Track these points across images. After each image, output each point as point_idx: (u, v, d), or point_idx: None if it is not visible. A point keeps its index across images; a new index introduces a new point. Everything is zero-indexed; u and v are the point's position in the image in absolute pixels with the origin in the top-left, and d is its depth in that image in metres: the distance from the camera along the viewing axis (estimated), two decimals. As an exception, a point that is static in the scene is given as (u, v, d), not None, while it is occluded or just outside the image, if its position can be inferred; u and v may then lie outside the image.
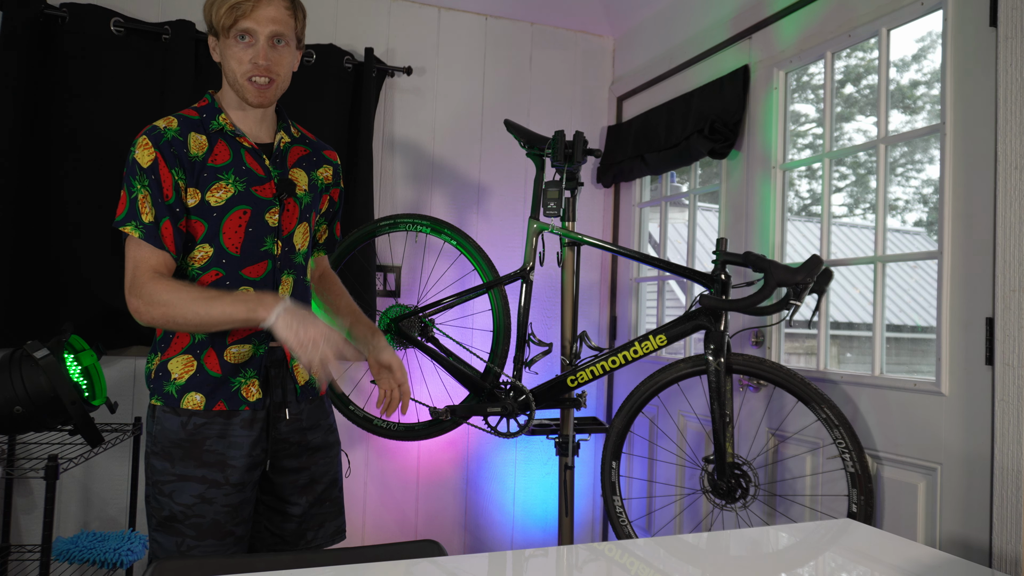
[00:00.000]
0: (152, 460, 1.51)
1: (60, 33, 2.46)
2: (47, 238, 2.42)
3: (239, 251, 1.53)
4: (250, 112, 1.59)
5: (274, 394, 1.57)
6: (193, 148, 1.51)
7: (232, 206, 1.52)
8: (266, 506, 1.62)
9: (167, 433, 1.50)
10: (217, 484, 1.49)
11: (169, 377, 1.52)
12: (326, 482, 1.67)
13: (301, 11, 1.59)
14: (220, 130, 1.55)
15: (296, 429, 1.61)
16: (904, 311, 8.85)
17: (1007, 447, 1.57)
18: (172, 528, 1.48)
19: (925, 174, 8.79)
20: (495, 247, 3.08)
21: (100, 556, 2.23)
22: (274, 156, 1.60)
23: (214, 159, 1.52)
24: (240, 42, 1.51)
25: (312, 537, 1.65)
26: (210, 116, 1.56)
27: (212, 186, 1.51)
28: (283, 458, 1.60)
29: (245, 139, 1.56)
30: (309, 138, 1.73)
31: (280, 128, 1.64)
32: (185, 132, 1.52)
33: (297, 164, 1.65)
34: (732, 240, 2.47)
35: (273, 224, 1.57)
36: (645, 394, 2.11)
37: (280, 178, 1.59)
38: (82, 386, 2.01)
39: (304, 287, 1.66)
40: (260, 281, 1.55)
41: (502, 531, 3.07)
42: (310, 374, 1.62)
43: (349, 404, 2.47)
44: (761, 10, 2.38)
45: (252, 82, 1.52)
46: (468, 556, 1.09)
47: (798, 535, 1.27)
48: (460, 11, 3.06)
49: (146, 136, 1.50)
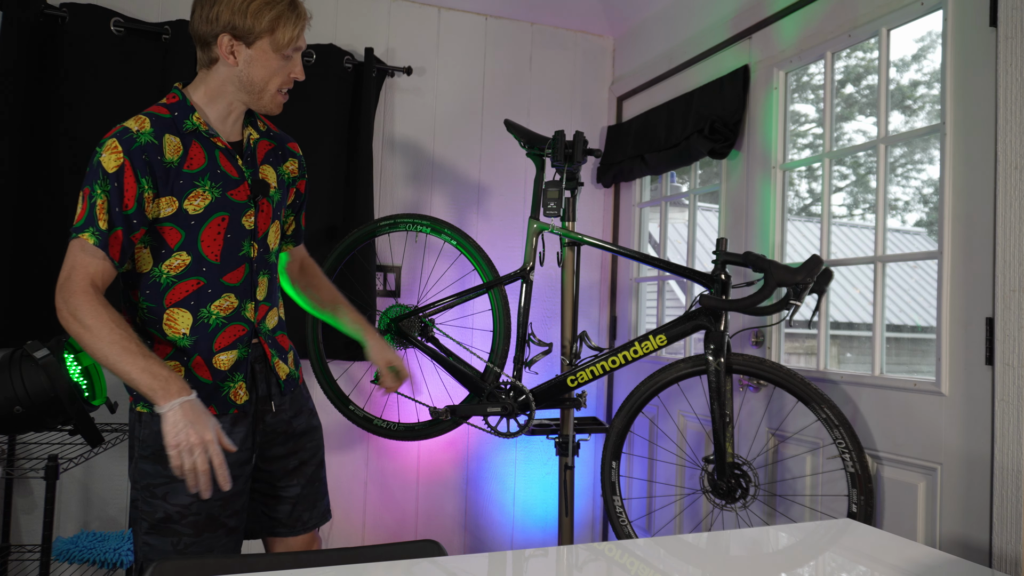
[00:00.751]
0: (142, 464, 1.50)
1: (60, 33, 2.46)
2: (47, 238, 2.42)
3: (219, 258, 1.52)
4: (225, 109, 1.56)
5: (259, 389, 1.60)
6: (168, 153, 1.47)
7: (211, 213, 1.51)
8: (260, 493, 1.66)
9: (156, 437, 1.46)
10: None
11: None
12: (314, 464, 1.73)
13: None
14: (194, 130, 1.51)
15: (282, 420, 1.66)
16: (904, 311, 8.85)
17: (1007, 447, 1.57)
18: (167, 529, 1.49)
19: (925, 174, 8.79)
20: (495, 247, 3.08)
21: (100, 556, 2.23)
22: (245, 154, 1.59)
23: (189, 164, 1.49)
24: (282, 56, 1.52)
25: (308, 518, 1.70)
26: (182, 114, 1.51)
27: (189, 194, 1.48)
28: (271, 447, 1.64)
29: (219, 139, 1.54)
30: (272, 130, 1.71)
31: (247, 123, 1.62)
32: (160, 135, 1.47)
33: (265, 160, 1.64)
34: (732, 240, 2.47)
35: (249, 227, 1.57)
36: (645, 394, 2.11)
37: (253, 179, 1.58)
38: (82, 386, 2.01)
39: (275, 284, 1.68)
40: (239, 286, 1.56)
41: (502, 531, 3.07)
42: (289, 367, 1.67)
43: (349, 404, 2.47)
44: (761, 10, 2.38)
45: (282, 94, 1.57)
46: (468, 556, 1.09)
47: (798, 535, 1.27)
48: (460, 11, 3.06)
49: (115, 139, 1.44)
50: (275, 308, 1.67)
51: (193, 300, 1.51)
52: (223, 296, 1.53)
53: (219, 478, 1.35)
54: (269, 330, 1.64)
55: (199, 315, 1.51)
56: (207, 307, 1.52)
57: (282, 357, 1.66)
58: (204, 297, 1.51)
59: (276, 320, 1.67)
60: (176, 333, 1.51)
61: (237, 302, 1.56)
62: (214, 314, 1.53)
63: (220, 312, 1.53)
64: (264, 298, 1.62)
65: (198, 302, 1.51)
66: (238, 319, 1.56)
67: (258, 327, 1.60)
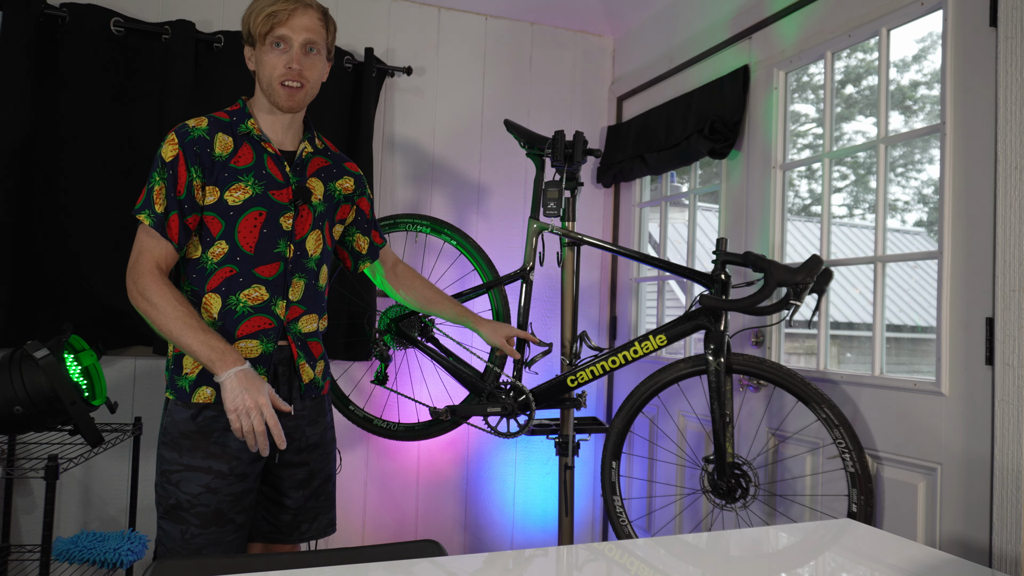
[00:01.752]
0: (162, 450, 1.59)
1: (60, 33, 2.45)
2: (47, 238, 2.42)
3: (253, 250, 1.60)
4: (279, 120, 1.66)
5: (280, 390, 1.64)
6: (218, 148, 1.59)
7: (248, 207, 1.59)
8: (264, 496, 1.69)
9: (177, 424, 1.57)
10: (222, 475, 1.56)
11: (181, 371, 1.59)
12: (322, 478, 1.75)
13: (332, 24, 1.68)
14: (247, 134, 1.62)
15: (298, 424, 1.68)
16: (904, 311, 8.85)
17: (1007, 447, 1.57)
18: (178, 516, 1.55)
19: (925, 174, 8.79)
20: (495, 247, 3.08)
21: (100, 556, 2.23)
22: (295, 164, 1.67)
23: (237, 160, 1.60)
24: (275, 49, 1.59)
25: (306, 529, 1.73)
26: (239, 120, 1.63)
27: (231, 186, 1.58)
28: (285, 452, 1.67)
29: (269, 145, 1.64)
30: (332, 150, 1.80)
31: (305, 138, 1.71)
32: (213, 132, 1.60)
33: (316, 174, 1.72)
34: (732, 240, 2.47)
35: (287, 228, 1.63)
36: (645, 394, 2.11)
37: (298, 185, 1.66)
38: (82, 386, 2.01)
39: (316, 292, 1.71)
40: (273, 280, 1.62)
41: (502, 531, 3.07)
42: (314, 373, 1.70)
43: (349, 404, 2.47)
44: (761, 10, 2.38)
45: (284, 86, 1.60)
46: (468, 556, 1.09)
47: (798, 535, 1.27)
48: (460, 11, 3.06)
49: (174, 133, 1.58)
50: (313, 315, 1.70)
51: (224, 287, 1.59)
52: (253, 286, 1.60)
53: (275, 437, 1.47)
54: (301, 333, 1.67)
55: (228, 301, 1.59)
56: (236, 295, 1.59)
57: (309, 362, 1.69)
58: (235, 285, 1.59)
59: (312, 327, 1.71)
60: (209, 317, 1.59)
61: (268, 295, 1.61)
62: (242, 302, 1.59)
63: (248, 301, 1.60)
64: (299, 300, 1.66)
65: (229, 289, 1.59)
66: (266, 312, 1.61)
67: (287, 326, 1.64)
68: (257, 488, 1.64)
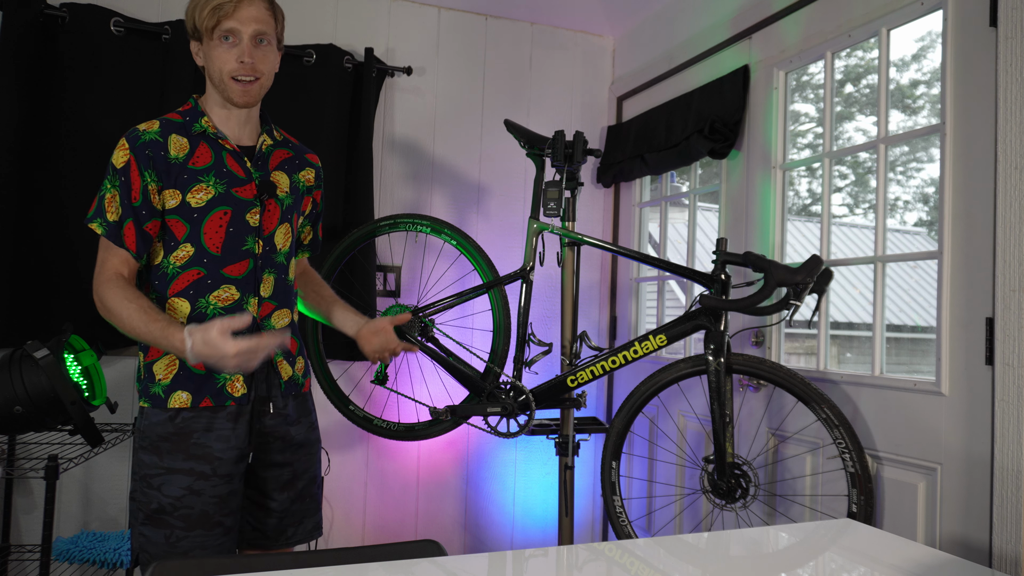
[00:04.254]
0: (140, 455, 1.56)
1: (60, 33, 2.45)
2: (47, 238, 2.42)
3: (220, 250, 1.57)
4: (233, 114, 1.62)
5: (259, 388, 1.61)
6: (173, 150, 1.56)
7: (212, 207, 1.56)
8: (249, 500, 1.66)
9: (155, 428, 1.54)
10: (204, 476, 1.53)
11: (154, 379, 1.56)
12: (306, 479, 1.71)
13: (280, 13, 1.64)
14: (202, 132, 1.59)
15: (281, 423, 1.65)
16: (904, 311, 8.85)
17: (1007, 447, 1.57)
18: (161, 521, 1.52)
19: (925, 174, 8.79)
20: (495, 247, 3.08)
21: (100, 556, 2.23)
22: (256, 158, 1.64)
23: (195, 161, 1.56)
24: (224, 43, 1.55)
25: (292, 533, 1.69)
26: (193, 119, 1.60)
27: (192, 187, 1.55)
28: (269, 452, 1.64)
29: (227, 142, 1.60)
30: (292, 142, 1.77)
31: (263, 131, 1.68)
32: (166, 134, 1.56)
33: (279, 167, 1.69)
34: (732, 240, 2.47)
35: (254, 224, 1.61)
36: (645, 394, 2.11)
37: (261, 180, 1.62)
38: (82, 386, 2.01)
39: (286, 286, 1.69)
40: (242, 279, 1.59)
41: (502, 531, 3.07)
42: (293, 370, 1.68)
43: (349, 404, 2.47)
44: (761, 10, 2.38)
45: (237, 81, 1.56)
46: (468, 556, 1.09)
47: (798, 535, 1.27)
48: (460, 11, 3.06)
49: (125, 138, 1.55)
50: (285, 309, 1.68)
51: (192, 290, 1.56)
52: (223, 287, 1.57)
53: (260, 348, 1.42)
54: (275, 329, 1.65)
55: (197, 304, 1.56)
56: (205, 297, 1.56)
57: (287, 358, 1.67)
58: (203, 287, 1.56)
59: (286, 321, 1.68)
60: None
61: (238, 295, 1.59)
62: (212, 304, 1.56)
63: (219, 303, 1.57)
64: (270, 296, 1.64)
65: (197, 292, 1.56)
66: (238, 311, 1.57)
67: (262, 323, 1.62)
68: (242, 489, 1.61)
